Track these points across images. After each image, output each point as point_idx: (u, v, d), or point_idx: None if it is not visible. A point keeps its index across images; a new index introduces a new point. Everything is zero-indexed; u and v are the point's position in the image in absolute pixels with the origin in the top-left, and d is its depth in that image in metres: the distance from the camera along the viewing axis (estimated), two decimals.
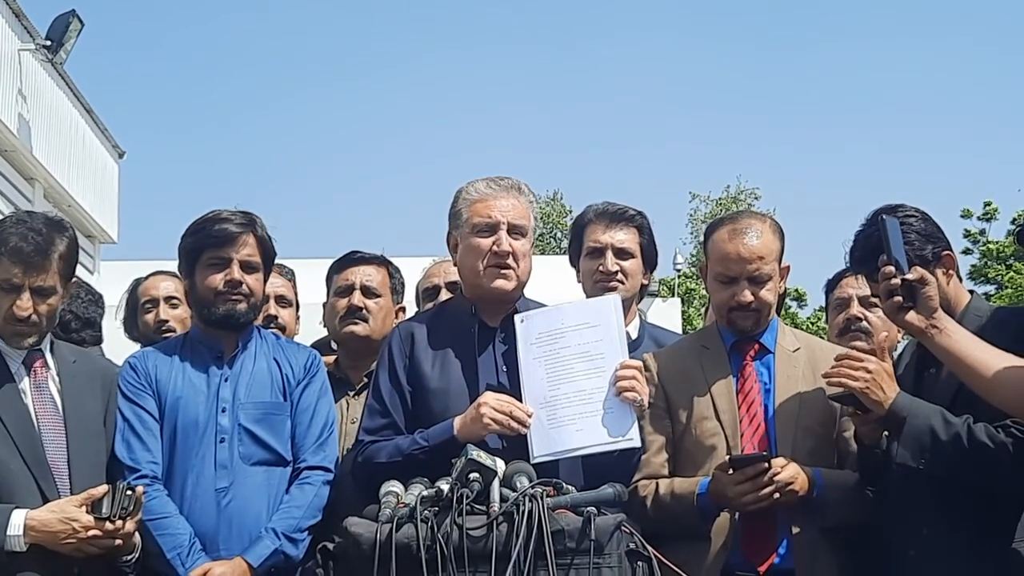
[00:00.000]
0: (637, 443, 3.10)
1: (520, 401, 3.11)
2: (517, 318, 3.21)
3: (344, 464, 3.45)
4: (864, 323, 3.96)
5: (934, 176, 50.88)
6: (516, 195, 3.30)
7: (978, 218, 32.35)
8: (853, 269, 3.47)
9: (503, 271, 3.24)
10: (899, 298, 2.96)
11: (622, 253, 3.92)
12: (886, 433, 3.20)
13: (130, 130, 53.72)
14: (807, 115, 60.64)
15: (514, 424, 3.05)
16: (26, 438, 3.10)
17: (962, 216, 32.11)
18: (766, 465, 3.11)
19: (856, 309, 3.99)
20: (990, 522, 2.98)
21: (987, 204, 32.26)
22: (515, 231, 3.26)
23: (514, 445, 3.06)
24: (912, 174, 50.61)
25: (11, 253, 3.13)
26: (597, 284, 3.89)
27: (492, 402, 3.07)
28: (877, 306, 3.80)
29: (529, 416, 3.07)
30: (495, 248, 3.23)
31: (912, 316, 2.94)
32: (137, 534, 3.16)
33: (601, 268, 3.89)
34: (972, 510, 2.97)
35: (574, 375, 3.13)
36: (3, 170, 10.82)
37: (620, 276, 3.90)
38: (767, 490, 3.12)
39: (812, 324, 29.01)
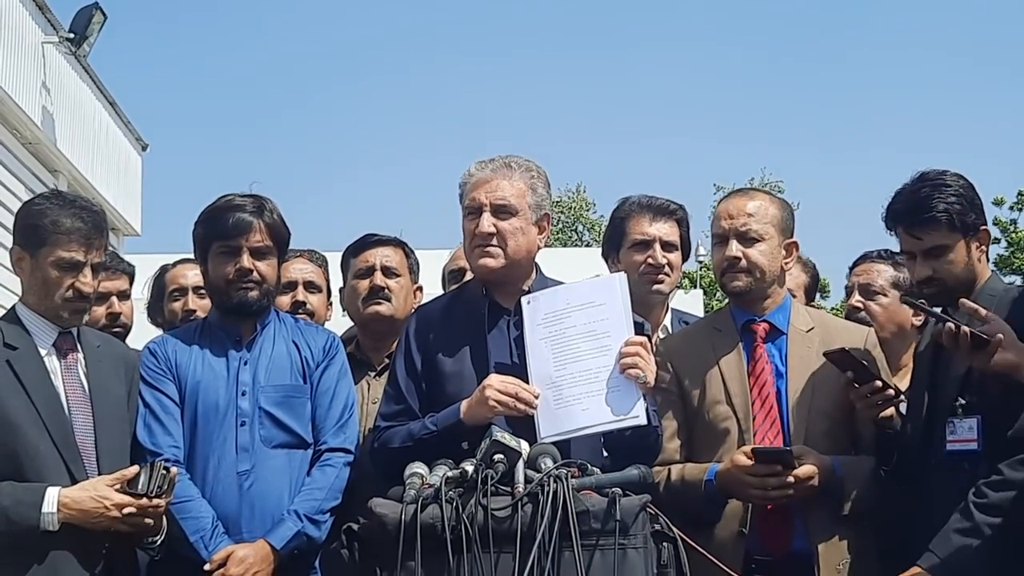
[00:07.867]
0: (643, 420, 3.02)
1: (527, 382, 3.07)
2: (524, 299, 3.17)
3: (364, 447, 3.44)
4: (862, 313, 3.89)
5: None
6: (505, 173, 3.21)
7: (1010, 207, 31.92)
8: (888, 222, 3.33)
9: (485, 250, 3.18)
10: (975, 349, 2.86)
11: (668, 246, 3.90)
12: (893, 412, 3.19)
13: (153, 123, 53.98)
14: (832, 107, 60.39)
15: (520, 405, 3.01)
16: (56, 420, 3.10)
17: (994, 204, 31.57)
18: (784, 464, 3.09)
19: (854, 299, 3.94)
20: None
21: (1021, 193, 31.72)
22: (500, 211, 3.18)
23: (522, 427, 3.01)
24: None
25: (70, 232, 3.15)
26: (644, 276, 3.85)
27: (497, 384, 3.03)
28: (879, 294, 3.81)
29: (535, 397, 3.04)
30: (475, 230, 3.19)
31: (999, 358, 2.84)
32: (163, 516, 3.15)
33: (651, 261, 3.86)
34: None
35: (580, 355, 3.08)
36: (27, 162, 10.86)
37: (667, 269, 3.88)
38: (783, 492, 3.10)
39: (835, 315, 28.79)
